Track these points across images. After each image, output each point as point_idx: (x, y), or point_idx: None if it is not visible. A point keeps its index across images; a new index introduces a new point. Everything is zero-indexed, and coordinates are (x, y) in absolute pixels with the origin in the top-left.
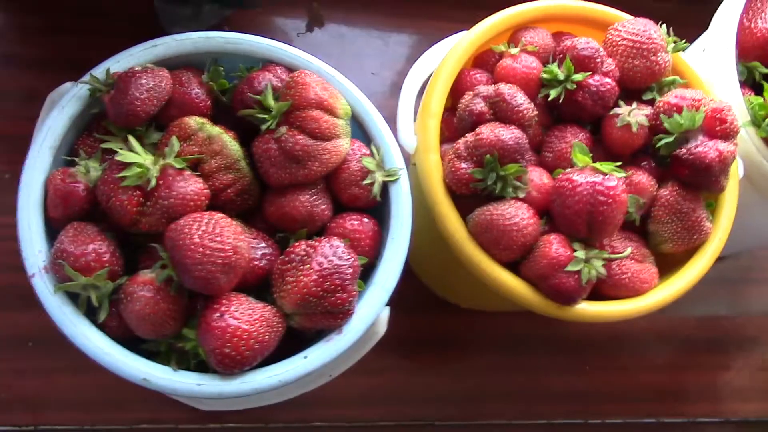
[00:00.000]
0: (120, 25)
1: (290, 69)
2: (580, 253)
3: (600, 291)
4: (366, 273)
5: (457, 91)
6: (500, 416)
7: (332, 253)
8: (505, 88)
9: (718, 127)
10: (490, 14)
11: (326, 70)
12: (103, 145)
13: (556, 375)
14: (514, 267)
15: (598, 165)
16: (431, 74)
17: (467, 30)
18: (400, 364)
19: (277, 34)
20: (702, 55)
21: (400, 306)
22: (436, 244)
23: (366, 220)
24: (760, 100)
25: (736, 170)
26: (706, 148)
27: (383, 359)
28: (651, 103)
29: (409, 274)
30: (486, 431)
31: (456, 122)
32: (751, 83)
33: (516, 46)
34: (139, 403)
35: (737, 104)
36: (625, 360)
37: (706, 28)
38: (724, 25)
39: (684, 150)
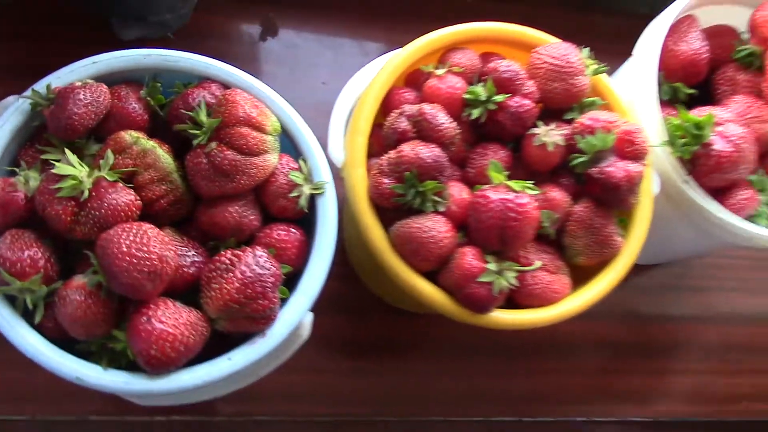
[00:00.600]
0: (79, 33)
1: (225, 86)
2: (492, 265)
3: (515, 300)
4: (293, 280)
5: (387, 108)
6: (439, 414)
7: (255, 262)
8: (428, 108)
9: (628, 148)
10: (439, 28)
11: (260, 87)
12: (43, 156)
13: (494, 377)
14: (433, 276)
15: (511, 183)
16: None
17: None
18: (343, 364)
19: (234, 42)
20: (628, 76)
21: (346, 309)
22: (366, 251)
23: (293, 230)
24: (677, 121)
25: (650, 188)
26: (615, 168)
27: (328, 360)
28: (571, 122)
29: (356, 279)
30: (425, 428)
31: (383, 139)
32: (676, 102)
33: (444, 66)
34: (88, 395)
35: (656, 124)
36: (558, 363)
37: None
38: (647, 48)
39: (596, 169)
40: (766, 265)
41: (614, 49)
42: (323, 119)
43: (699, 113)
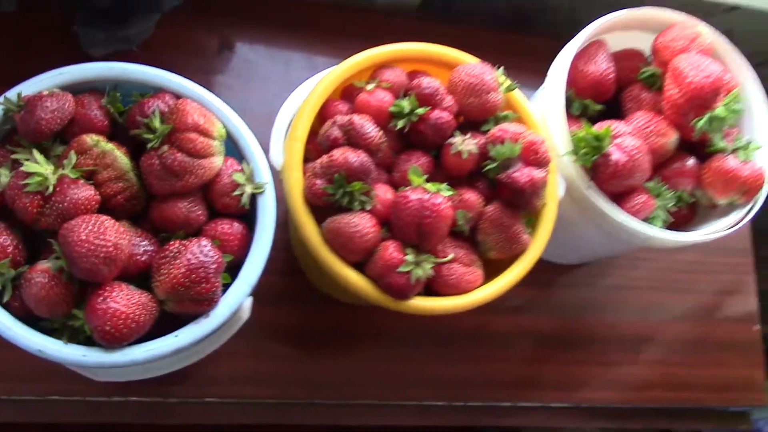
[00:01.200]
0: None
1: (178, 96)
2: (411, 257)
3: (434, 289)
4: (235, 269)
5: (323, 117)
6: (374, 397)
7: (200, 251)
8: (357, 119)
9: (533, 156)
10: (381, 45)
11: (208, 98)
12: (13, 156)
13: (428, 364)
14: (361, 267)
15: (428, 185)
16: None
17: None
18: (286, 351)
19: (193, 55)
20: (541, 94)
21: (290, 301)
22: (304, 246)
23: (236, 224)
24: (581, 133)
25: (555, 192)
26: (520, 174)
27: (272, 347)
28: (486, 133)
29: (301, 273)
30: (360, 411)
31: (318, 145)
32: (586, 117)
33: (374, 82)
34: (51, 376)
35: (563, 135)
36: (489, 352)
37: None
38: (558, 69)
39: (504, 174)
40: (678, 266)
41: (541, 67)
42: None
43: (599, 127)
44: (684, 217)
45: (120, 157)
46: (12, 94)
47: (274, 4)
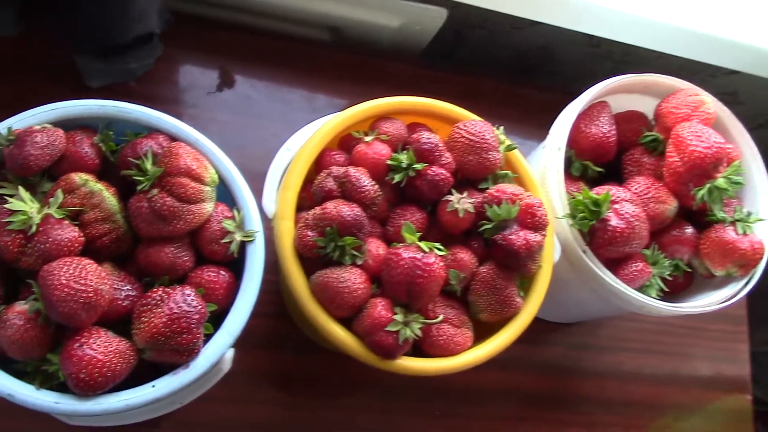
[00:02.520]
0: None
1: (172, 138)
2: (399, 316)
3: (421, 349)
4: (219, 318)
5: (320, 166)
6: None
7: (183, 300)
8: (353, 171)
9: (530, 219)
10: (382, 90)
11: (203, 141)
12: None
13: (409, 418)
14: (349, 323)
15: (422, 243)
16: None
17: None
18: (271, 396)
19: (192, 91)
20: (541, 150)
21: (276, 346)
22: (290, 296)
23: (222, 273)
24: (580, 196)
25: (551, 255)
26: (516, 236)
27: (257, 392)
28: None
29: (290, 319)
30: None
31: (312, 195)
32: (585, 178)
33: (373, 134)
34: (24, 412)
35: (562, 197)
36: (474, 410)
37: None
38: (559, 129)
39: (499, 236)
40: (672, 330)
41: (543, 121)
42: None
43: (598, 191)
44: (680, 286)
45: (108, 197)
46: (2, 127)
47: (276, 43)
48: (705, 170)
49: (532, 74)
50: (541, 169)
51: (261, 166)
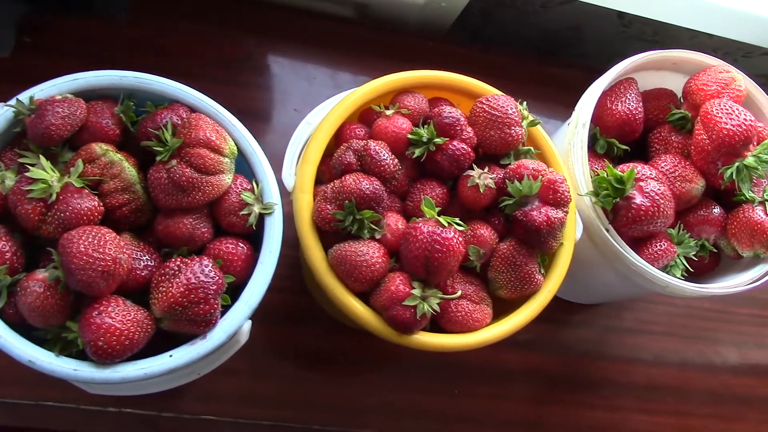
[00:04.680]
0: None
1: (192, 110)
2: (417, 291)
3: (439, 325)
4: (237, 290)
5: (339, 140)
6: (374, 426)
7: (200, 270)
8: (373, 145)
9: (551, 195)
10: (407, 67)
11: (223, 113)
12: (20, 160)
13: (427, 395)
14: (366, 297)
15: (441, 218)
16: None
17: None
18: (289, 372)
19: (217, 64)
20: (566, 128)
21: (296, 321)
22: (309, 269)
23: (241, 245)
24: (604, 174)
25: (573, 233)
26: (537, 212)
27: (274, 366)
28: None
29: (309, 294)
30: None
31: (332, 168)
32: (611, 156)
33: (394, 108)
34: (46, 381)
35: (585, 175)
36: (494, 389)
37: None
38: (585, 105)
39: (520, 212)
40: (698, 314)
41: (569, 100)
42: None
43: (622, 169)
44: (706, 266)
45: (128, 168)
46: (24, 96)
47: (300, 19)
48: (734, 148)
49: (561, 55)
50: (565, 146)
51: (282, 140)
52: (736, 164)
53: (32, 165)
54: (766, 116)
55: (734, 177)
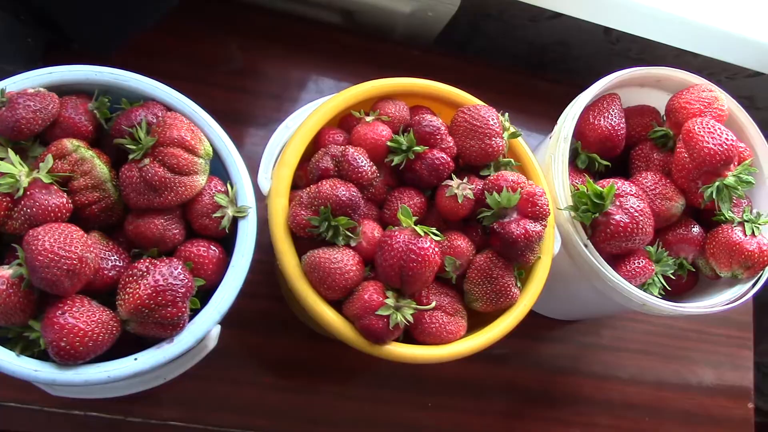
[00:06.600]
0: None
1: (169, 108)
2: (391, 301)
3: (413, 336)
4: (207, 294)
5: (318, 145)
6: None
7: (169, 272)
8: (351, 150)
9: (530, 208)
10: (392, 75)
11: (200, 113)
12: None
13: (401, 407)
14: (339, 305)
15: (418, 228)
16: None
17: None
18: (260, 379)
19: (198, 66)
20: (548, 141)
21: (269, 329)
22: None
23: (213, 248)
24: (583, 188)
25: (551, 247)
26: (515, 225)
27: (245, 373)
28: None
29: (279, 298)
30: None
31: (309, 173)
32: (592, 171)
33: (374, 114)
34: (9, 381)
35: (565, 188)
36: (467, 403)
37: None
38: (567, 119)
39: (497, 224)
40: (675, 333)
41: (552, 113)
42: None
43: (602, 184)
44: (684, 286)
45: (99, 165)
46: None
47: (287, 23)
48: (714, 167)
49: (548, 70)
50: (546, 159)
51: (260, 144)
52: (717, 184)
53: (0, 159)
54: (747, 136)
55: (714, 196)
